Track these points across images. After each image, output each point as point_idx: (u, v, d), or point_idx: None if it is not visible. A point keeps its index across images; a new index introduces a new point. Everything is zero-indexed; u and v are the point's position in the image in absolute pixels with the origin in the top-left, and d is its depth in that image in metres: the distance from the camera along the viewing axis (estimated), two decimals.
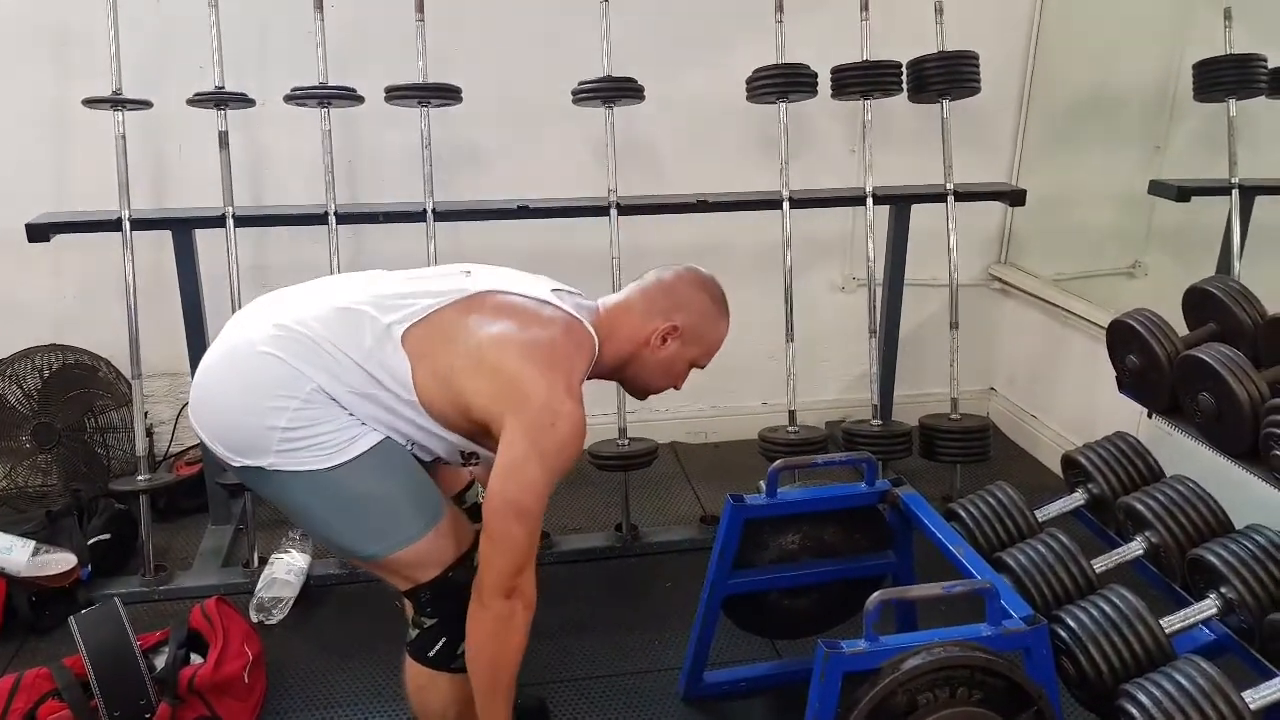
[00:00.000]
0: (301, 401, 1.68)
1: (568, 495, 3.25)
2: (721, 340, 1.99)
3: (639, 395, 2.03)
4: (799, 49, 2.91)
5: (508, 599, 1.70)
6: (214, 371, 1.78)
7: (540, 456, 1.66)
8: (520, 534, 1.67)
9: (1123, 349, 2.04)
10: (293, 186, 3.09)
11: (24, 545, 2.59)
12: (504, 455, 1.67)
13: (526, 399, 1.67)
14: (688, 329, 1.91)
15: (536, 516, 1.70)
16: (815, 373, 3.64)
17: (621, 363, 1.92)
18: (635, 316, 1.90)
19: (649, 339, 1.89)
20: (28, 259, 2.94)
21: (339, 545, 1.81)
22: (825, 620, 2.21)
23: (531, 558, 1.72)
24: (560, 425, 1.66)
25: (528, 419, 1.66)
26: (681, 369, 1.96)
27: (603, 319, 1.89)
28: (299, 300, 1.81)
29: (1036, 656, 1.58)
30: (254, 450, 1.71)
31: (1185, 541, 1.81)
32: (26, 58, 2.97)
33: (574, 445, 1.70)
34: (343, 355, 1.70)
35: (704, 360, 1.98)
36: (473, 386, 1.70)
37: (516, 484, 1.66)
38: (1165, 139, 3.55)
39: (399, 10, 2.82)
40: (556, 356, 1.72)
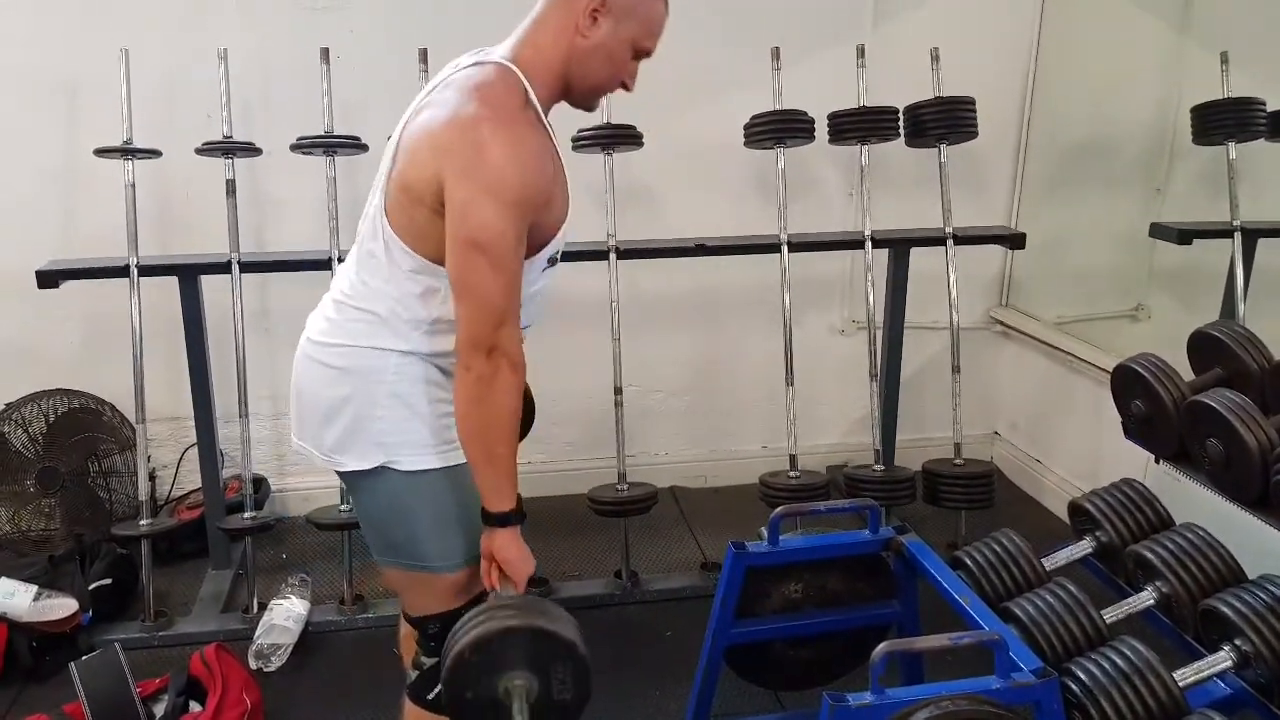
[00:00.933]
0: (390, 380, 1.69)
1: (566, 541, 3.24)
2: (661, 15, 1.76)
3: (587, 102, 1.82)
4: (796, 94, 2.94)
5: (489, 357, 1.59)
6: (298, 381, 1.78)
7: (484, 191, 1.55)
8: (490, 278, 1.57)
9: (1128, 395, 2.03)
10: (296, 232, 3.10)
11: (26, 590, 2.59)
12: (449, 205, 1.58)
13: (448, 147, 1.58)
14: (615, 1, 1.69)
15: (506, 259, 1.58)
16: (815, 416, 3.64)
17: (559, 68, 1.72)
18: (553, 13, 1.71)
19: (576, 24, 1.69)
20: (36, 304, 2.95)
21: (417, 551, 1.76)
22: (829, 671, 2.19)
23: (511, 310, 1.61)
24: (491, 150, 1.55)
25: (456, 161, 1.57)
26: (622, 53, 1.74)
27: (518, 44, 1.74)
28: (338, 275, 1.80)
29: (1047, 710, 1.56)
30: (358, 444, 1.72)
31: (1197, 591, 1.78)
32: (39, 108, 3.01)
33: (521, 169, 1.57)
34: (388, 299, 1.69)
35: (646, 40, 1.76)
36: (417, 183, 1.62)
37: (466, 223, 1.56)
38: (1165, 181, 3.56)
39: (402, 60, 2.85)
40: (464, 103, 1.61)
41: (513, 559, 1.70)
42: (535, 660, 1.52)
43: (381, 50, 3.05)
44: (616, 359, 2.93)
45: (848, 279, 3.58)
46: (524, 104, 1.65)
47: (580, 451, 3.52)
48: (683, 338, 3.53)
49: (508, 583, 1.70)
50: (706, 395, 3.64)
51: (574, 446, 3.52)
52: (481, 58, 1.72)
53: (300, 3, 3.03)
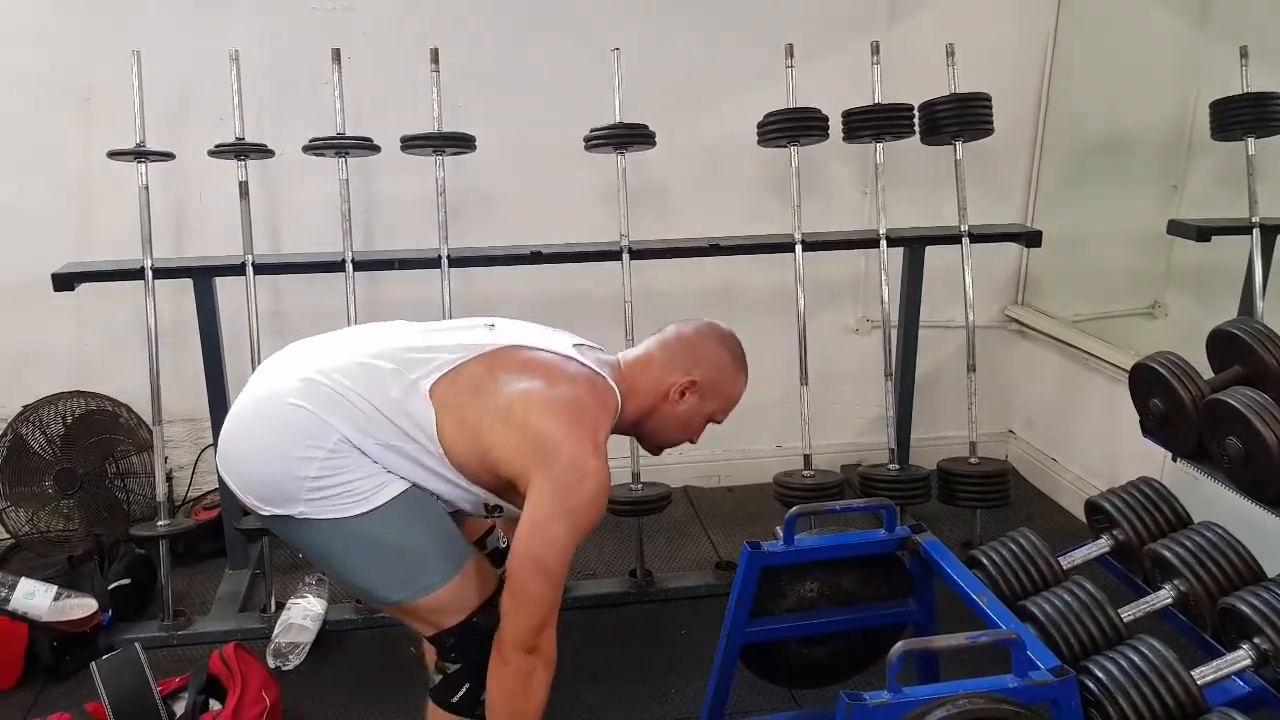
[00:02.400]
0: (328, 451, 1.69)
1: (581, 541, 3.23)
2: (739, 395, 1.99)
3: (654, 450, 2.03)
4: (810, 92, 2.93)
5: (528, 655, 1.70)
6: (241, 423, 1.79)
7: (567, 514, 1.67)
8: (543, 591, 1.68)
9: (1146, 393, 2.02)
10: (310, 234, 3.11)
11: (46, 590, 2.60)
12: (530, 512, 1.67)
13: (554, 455, 1.68)
14: (706, 384, 1.92)
15: (560, 574, 1.70)
16: (829, 416, 3.63)
17: (640, 417, 1.93)
18: (654, 371, 1.91)
19: (668, 393, 1.90)
20: (52, 307, 2.97)
21: (366, 591, 1.82)
22: (845, 670, 2.18)
23: (553, 616, 1.72)
24: (587, 483, 1.67)
25: (555, 476, 1.67)
26: (698, 423, 1.97)
27: (624, 375, 1.90)
28: (325, 352, 1.82)
29: (1065, 709, 1.55)
30: (283, 499, 1.72)
31: (1216, 590, 1.77)
32: (52, 112, 3.02)
33: (600, 502, 1.71)
34: (369, 406, 1.71)
35: (721, 415, 1.99)
36: (500, 441, 1.70)
37: (542, 541, 1.67)
38: (1183, 178, 3.54)
39: (413, 61, 2.86)
40: (582, 413, 1.73)
41: None
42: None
43: (393, 51, 3.06)
44: None
45: (862, 278, 3.57)
46: (609, 434, 1.82)
47: None
48: None
49: None
50: None
51: None
52: (599, 365, 1.85)
53: (311, 4, 3.04)
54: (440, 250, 2.83)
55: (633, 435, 2.00)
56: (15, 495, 3.10)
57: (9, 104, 2.99)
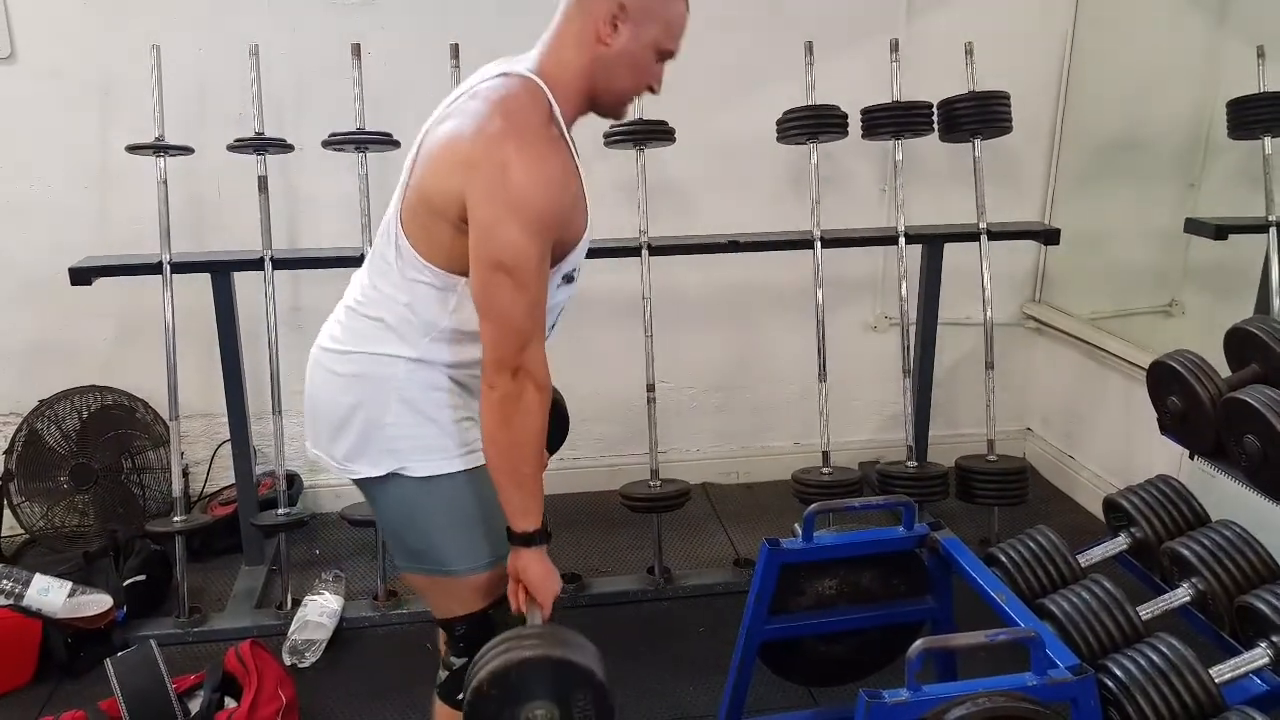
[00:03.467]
0: (398, 387, 1.68)
1: (599, 537, 3.24)
2: (681, 15, 1.75)
3: (617, 112, 1.82)
4: (829, 89, 2.92)
5: (514, 378, 1.60)
6: (312, 386, 1.79)
7: (508, 210, 1.54)
8: (513, 299, 1.57)
9: (1164, 391, 2.01)
10: (327, 228, 3.13)
11: (61, 586, 2.61)
12: (472, 228, 1.58)
13: (471, 165, 1.57)
14: (634, 6, 1.67)
15: (531, 280, 1.57)
16: (848, 413, 3.62)
17: (584, 81, 1.71)
18: (573, 25, 1.70)
19: (597, 33, 1.68)
20: (70, 301, 2.98)
21: (436, 556, 1.77)
22: (863, 667, 2.18)
23: (536, 331, 1.61)
24: (515, 171, 1.54)
25: (480, 183, 1.56)
26: (646, 58, 1.73)
27: (542, 57, 1.72)
28: (352, 284, 1.81)
29: (1084, 707, 1.55)
30: (368, 451, 1.72)
31: (1234, 588, 1.77)
32: (72, 107, 3.03)
33: (545, 189, 1.57)
34: (398, 306, 1.69)
35: (669, 41, 1.74)
36: (437, 198, 1.62)
37: (490, 245, 1.56)
38: (1200, 176, 3.53)
39: (433, 55, 2.86)
40: (488, 119, 1.60)
41: (537, 580, 1.69)
42: (555, 689, 1.53)
43: (413, 46, 3.07)
44: (649, 356, 2.92)
45: (880, 275, 3.56)
46: (548, 120, 1.64)
47: (613, 448, 3.52)
48: (715, 334, 3.52)
49: (534, 604, 1.70)
50: (739, 392, 3.63)
51: (606, 443, 3.52)
52: (507, 69, 1.70)
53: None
54: None
55: (592, 110, 1.79)
56: (30, 490, 3.12)
57: (29, 99, 3.00)
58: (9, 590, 2.56)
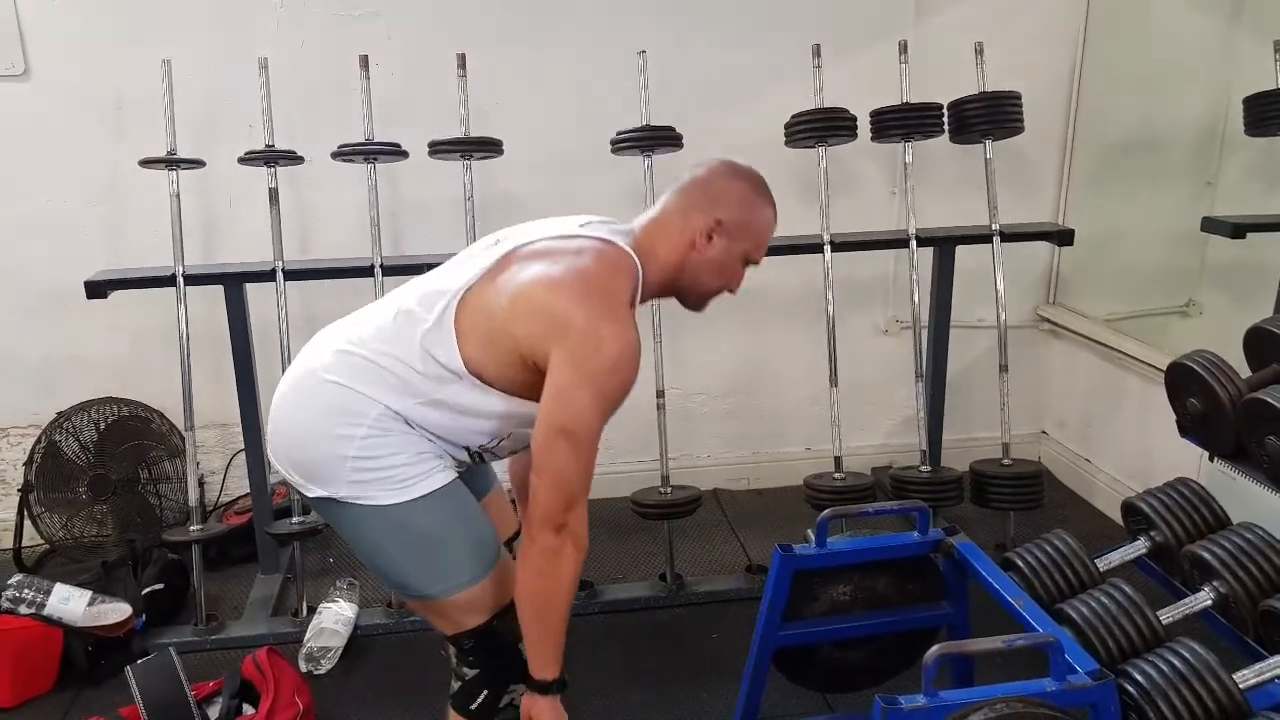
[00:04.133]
0: (369, 428, 1.69)
1: (610, 544, 3.23)
2: (770, 228, 1.90)
3: (698, 305, 1.94)
4: (837, 92, 2.91)
5: (556, 534, 1.65)
6: (284, 403, 1.80)
7: (587, 380, 1.62)
8: (570, 463, 1.63)
9: (1183, 392, 1.99)
10: (339, 239, 3.13)
11: (80, 595, 2.62)
12: (550, 387, 1.63)
13: (566, 327, 1.63)
14: (731, 222, 1.82)
15: (588, 447, 1.64)
16: (860, 417, 3.60)
17: (671, 274, 1.84)
18: (674, 222, 1.83)
19: (694, 240, 1.82)
20: (85, 315, 3.00)
21: (400, 582, 1.80)
22: (879, 673, 2.16)
23: (583, 494, 1.66)
24: (605, 348, 1.62)
25: (570, 346, 1.62)
26: (734, 266, 1.87)
27: (640, 238, 1.83)
28: (355, 323, 1.82)
29: (1104, 713, 1.53)
30: (326, 479, 1.73)
31: (1256, 592, 1.75)
32: (84, 122, 3.05)
33: (624, 369, 1.64)
34: (402, 366, 1.71)
35: (756, 254, 1.89)
36: (518, 332, 1.67)
37: (564, 410, 1.62)
38: (1216, 174, 3.50)
39: (440, 66, 2.86)
40: (592, 283, 1.68)
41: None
42: None
43: (420, 56, 3.07)
44: (658, 362, 2.92)
45: (891, 278, 3.54)
46: (634, 300, 1.75)
47: (623, 455, 3.51)
48: (725, 339, 3.51)
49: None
50: (749, 397, 3.62)
51: (616, 450, 3.51)
52: (610, 235, 1.79)
53: (338, 11, 3.05)
54: None
55: (670, 295, 1.91)
56: (49, 501, 3.13)
57: (43, 115, 3.02)
58: (31, 600, 2.57)
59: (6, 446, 3.28)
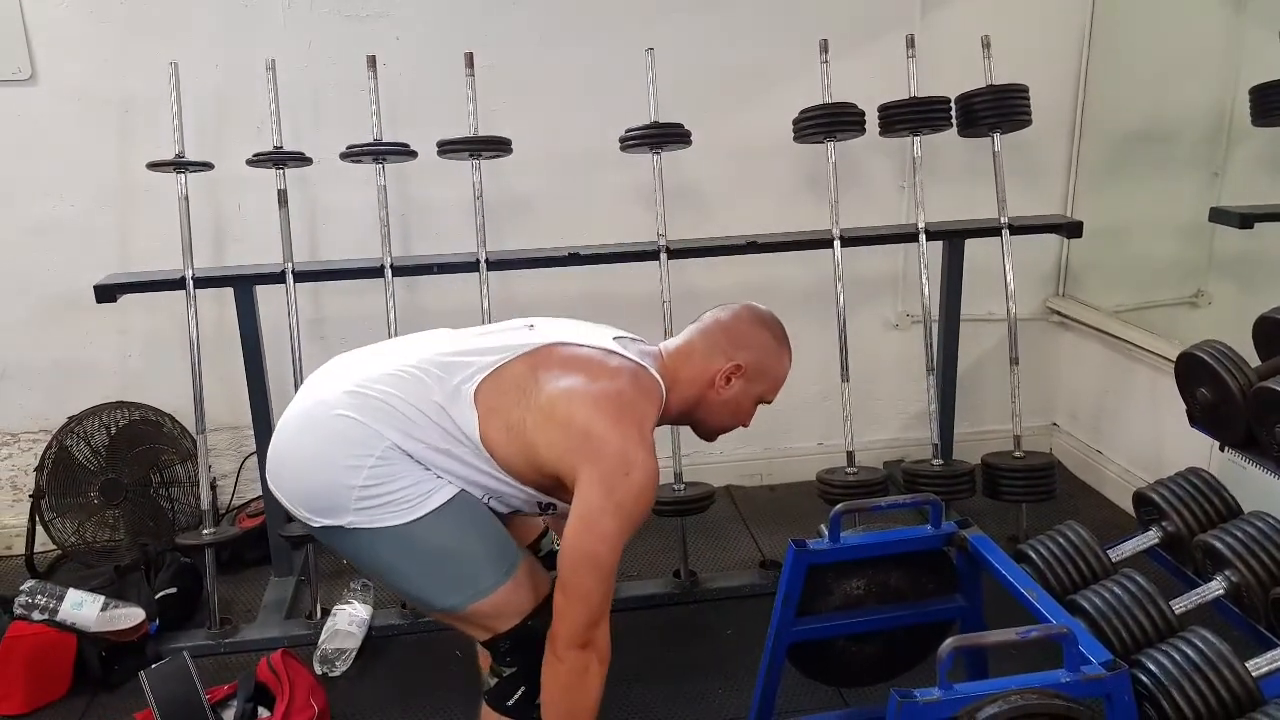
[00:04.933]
0: (377, 459, 1.70)
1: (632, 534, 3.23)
2: (785, 374, 2.00)
3: (709, 437, 2.04)
4: (845, 87, 2.91)
5: (582, 651, 1.70)
6: (290, 435, 1.80)
7: (616, 507, 1.66)
8: (595, 586, 1.68)
9: (1193, 382, 1.99)
10: (348, 240, 3.14)
11: (93, 600, 2.62)
12: (579, 507, 1.67)
13: (600, 450, 1.68)
14: (751, 366, 1.92)
15: (611, 568, 1.69)
16: (871, 412, 3.60)
17: (688, 406, 1.93)
18: (698, 359, 1.91)
19: (714, 380, 1.91)
20: (95, 319, 3.01)
21: (419, 598, 1.82)
22: (893, 667, 2.16)
23: (606, 610, 1.71)
24: (635, 475, 1.67)
25: (602, 470, 1.67)
26: (748, 406, 1.97)
27: (666, 365, 1.90)
28: (367, 363, 1.83)
29: (1118, 703, 1.53)
30: (333, 510, 1.73)
31: (1268, 580, 1.75)
32: (92, 125, 3.05)
33: (649, 494, 1.71)
34: (415, 411, 1.72)
35: (770, 395, 1.99)
36: (545, 440, 1.71)
37: (592, 535, 1.66)
38: (1224, 165, 3.49)
39: (448, 65, 2.87)
40: (626, 406, 1.73)
41: None
42: None
43: (428, 56, 3.07)
44: None
45: (901, 272, 3.54)
46: (654, 425, 1.81)
47: None
48: None
49: None
50: None
51: None
52: (641, 357, 1.85)
53: (345, 11, 3.06)
54: (478, 254, 2.85)
55: (683, 424, 2.01)
56: (61, 506, 3.14)
57: (51, 119, 3.03)
58: (44, 605, 2.58)
59: (18, 452, 3.29)
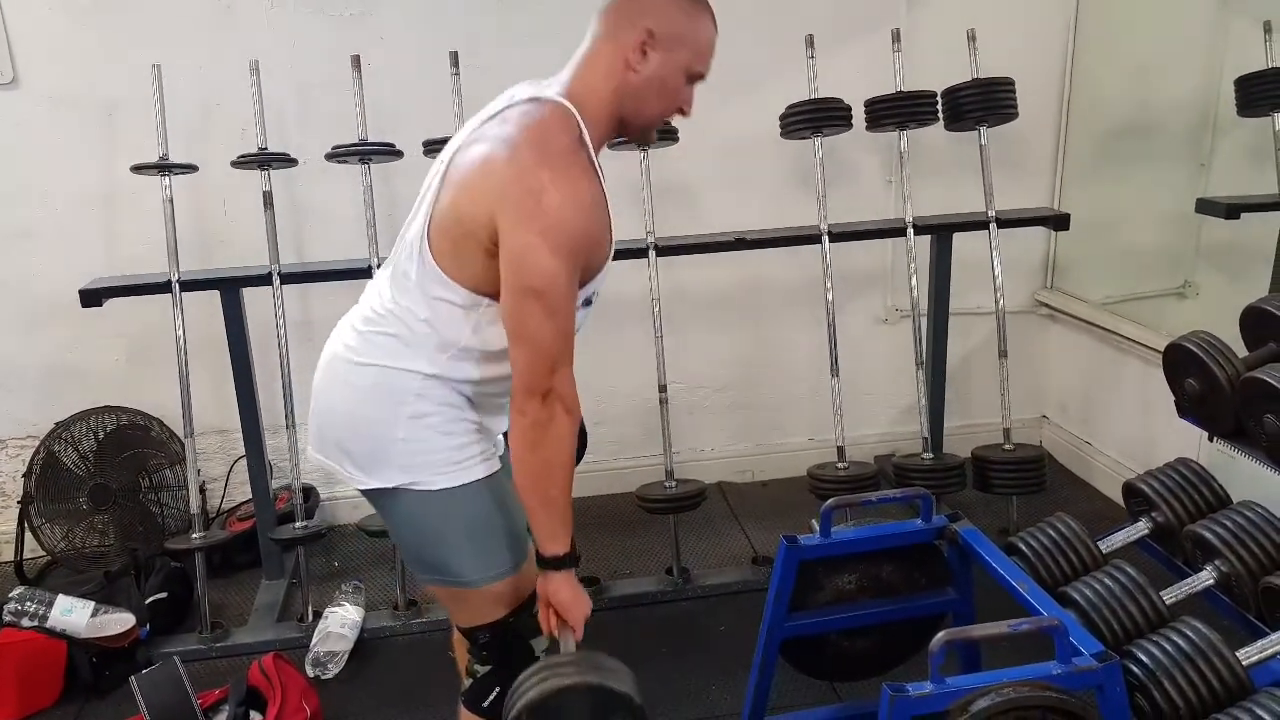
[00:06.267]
0: (413, 401, 1.68)
1: (616, 539, 3.24)
2: (709, 36, 1.75)
3: (647, 137, 1.86)
4: (831, 83, 2.91)
5: (544, 402, 1.60)
6: (325, 391, 1.80)
7: (540, 235, 1.54)
8: (545, 324, 1.57)
9: (1181, 373, 2.00)
10: (335, 241, 3.12)
11: (83, 606, 2.62)
12: (503, 252, 1.58)
13: (502, 189, 1.58)
14: (664, 32, 1.68)
15: (561, 305, 1.58)
16: (861, 407, 3.60)
17: (613, 107, 1.72)
18: (602, 51, 1.71)
19: (626, 60, 1.68)
20: (81, 323, 2.99)
21: (449, 567, 1.76)
22: (886, 661, 2.17)
23: (564, 355, 1.61)
24: (548, 196, 1.54)
25: (510, 206, 1.56)
26: (677, 81, 1.73)
27: (572, 82, 1.73)
28: (366, 300, 1.81)
29: (1110, 694, 1.54)
30: (380, 465, 1.72)
31: (1258, 569, 1.75)
32: (75, 129, 3.04)
33: (576, 217, 1.57)
34: (420, 324, 1.69)
35: (699, 64, 1.74)
36: (467, 221, 1.62)
37: (525, 272, 1.56)
38: (1209, 156, 3.50)
39: (434, 64, 2.86)
40: (519, 143, 1.61)
41: (567, 602, 1.70)
42: (594, 716, 1.53)
43: (413, 56, 3.07)
44: (660, 357, 2.92)
45: (890, 267, 3.54)
46: (578, 145, 1.64)
47: (627, 450, 3.52)
48: (725, 333, 3.51)
49: (565, 628, 1.70)
50: (751, 389, 3.62)
51: (621, 445, 3.52)
52: (536, 93, 1.70)
53: (329, 11, 3.05)
54: None
55: (622, 135, 1.79)
56: (50, 512, 3.13)
57: (33, 123, 3.01)
58: (33, 612, 2.57)
59: (5, 458, 3.27)
